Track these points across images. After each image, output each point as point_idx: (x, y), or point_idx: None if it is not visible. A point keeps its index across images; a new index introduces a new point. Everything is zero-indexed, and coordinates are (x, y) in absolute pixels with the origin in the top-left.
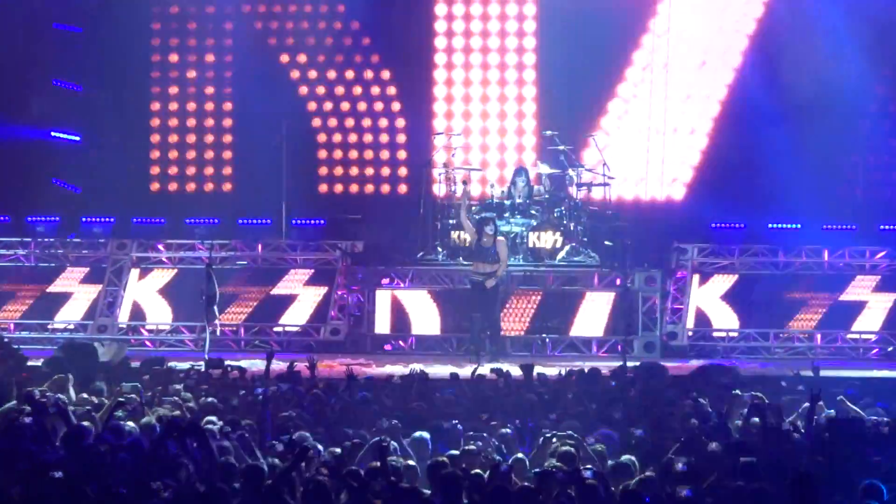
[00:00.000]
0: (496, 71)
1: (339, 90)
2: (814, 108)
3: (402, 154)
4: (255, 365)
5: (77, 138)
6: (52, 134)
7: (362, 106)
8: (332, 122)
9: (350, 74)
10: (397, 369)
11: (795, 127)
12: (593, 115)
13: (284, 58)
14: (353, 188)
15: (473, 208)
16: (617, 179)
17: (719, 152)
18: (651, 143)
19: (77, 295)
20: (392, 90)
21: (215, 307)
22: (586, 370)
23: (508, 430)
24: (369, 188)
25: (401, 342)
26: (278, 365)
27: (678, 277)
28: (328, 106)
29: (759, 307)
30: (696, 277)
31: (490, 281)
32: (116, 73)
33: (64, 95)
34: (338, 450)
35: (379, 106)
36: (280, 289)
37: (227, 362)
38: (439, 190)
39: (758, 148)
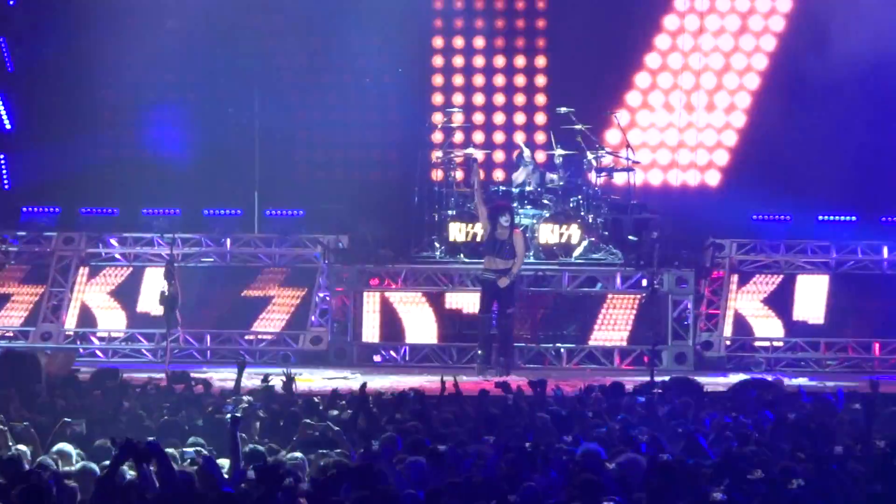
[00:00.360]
0: (502, 37)
1: (320, 58)
2: (869, 80)
3: (393, 134)
4: (223, 379)
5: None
6: None
7: (347, 77)
8: (313, 96)
9: (333, 40)
10: (389, 383)
11: (849, 103)
12: (616, 90)
13: (256, 20)
14: (338, 173)
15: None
16: (643, 163)
17: (761, 132)
18: (682, 122)
19: (17, 297)
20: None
21: (177, 311)
22: (607, 385)
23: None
24: (356, 174)
25: (392, 352)
26: (250, 379)
27: (714, 278)
28: (308, 78)
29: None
30: (734, 278)
31: (503, 280)
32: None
33: None
34: (319, 476)
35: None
36: (252, 290)
37: (192, 375)
38: (437, 176)
39: (805, 127)
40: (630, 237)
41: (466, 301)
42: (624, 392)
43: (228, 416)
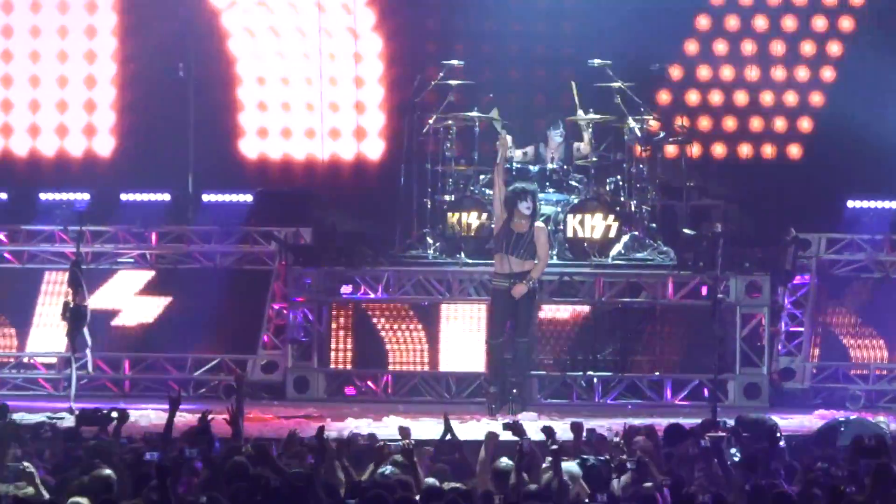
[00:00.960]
0: None
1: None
2: None
3: (373, 94)
4: (147, 417)
5: None
6: None
7: (309, 19)
8: (262, 42)
9: None
10: (364, 424)
11: None
12: (670, 35)
13: None
14: (297, 148)
15: (482, 179)
16: (702, 132)
17: (858, 91)
18: (755, 77)
19: None
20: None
21: (85, 329)
22: (658, 427)
23: None
24: (322, 148)
25: (370, 383)
26: (184, 417)
27: (797, 284)
28: (256, 19)
29: None
30: (824, 285)
31: (520, 287)
32: None
33: None
34: None
35: (337, 20)
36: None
37: (106, 413)
38: (431, 150)
39: None
40: (685, 230)
41: (469, 315)
42: (681, 435)
43: (155, 468)
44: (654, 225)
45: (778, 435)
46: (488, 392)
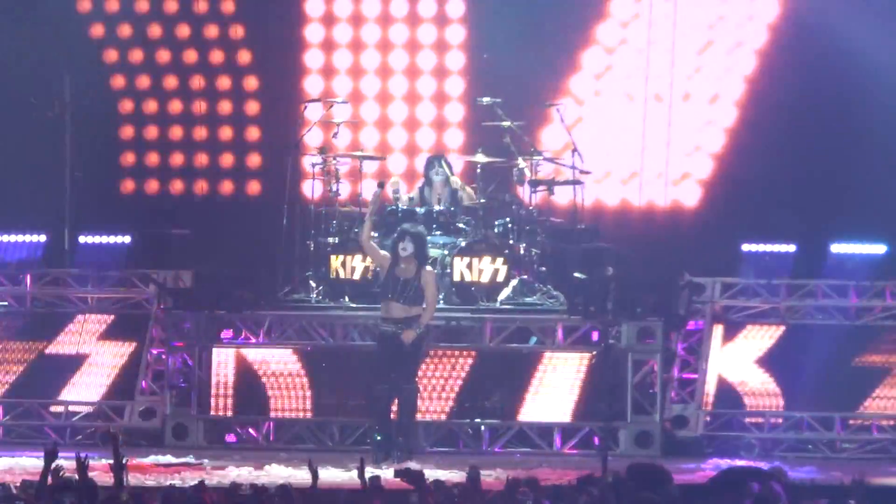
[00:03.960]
0: (403, 1)
1: (155, 29)
2: None
3: (253, 132)
4: (21, 466)
5: None
6: None
7: (191, 56)
8: (144, 80)
9: (173, 6)
10: (245, 473)
11: (874, 88)
12: (558, 73)
13: None
14: (177, 186)
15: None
16: (594, 174)
17: (755, 133)
18: (649, 117)
19: None
20: (239, 31)
21: None
22: (542, 477)
23: None
24: (202, 187)
25: (251, 430)
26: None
27: (691, 330)
28: (137, 56)
29: (816, 379)
30: (717, 330)
31: (409, 333)
32: None
33: None
34: None
35: (218, 56)
36: (60, 345)
37: None
38: (313, 190)
39: (816, 125)
40: (576, 275)
41: (355, 361)
42: (566, 488)
43: None
44: (543, 269)
45: (669, 484)
46: (373, 441)
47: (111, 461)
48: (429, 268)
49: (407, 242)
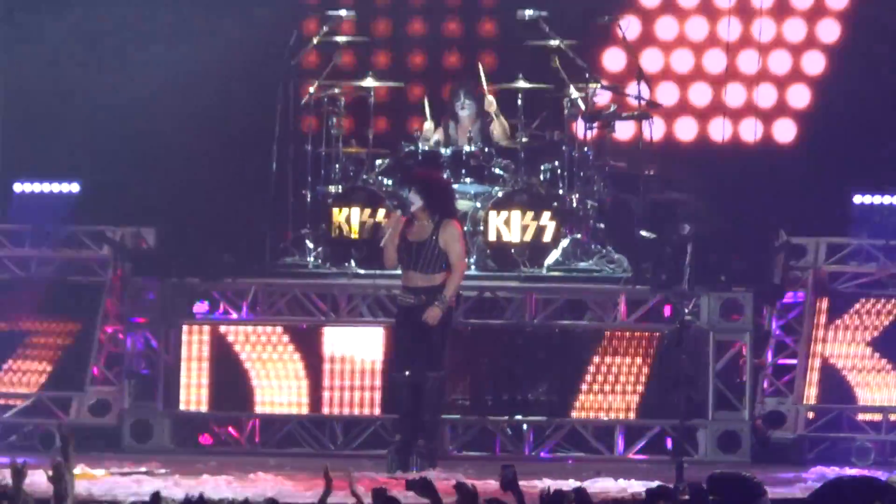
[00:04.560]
0: None
1: None
2: None
3: (237, 55)
4: None
5: None
6: None
7: None
8: None
9: None
10: (223, 484)
11: None
12: None
13: None
14: (139, 123)
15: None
16: (666, 106)
17: (867, 53)
18: (734, 35)
19: None
20: None
21: None
22: (598, 490)
23: None
24: (165, 124)
25: (232, 429)
26: None
27: (788, 303)
28: None
29: None
30: (823, 303)
31: (433, 311)
32: None
33: None
34: None
35: None
36: None
37: None
38: (310, 126)
39: None
40: (643, 233)
41: (362, 342)
42: None
43: None
44: (601, 225)
45: (763, 500)
46: (393, 442)
47: (51, 470)
48: (450, 222)
49: (412, 194)
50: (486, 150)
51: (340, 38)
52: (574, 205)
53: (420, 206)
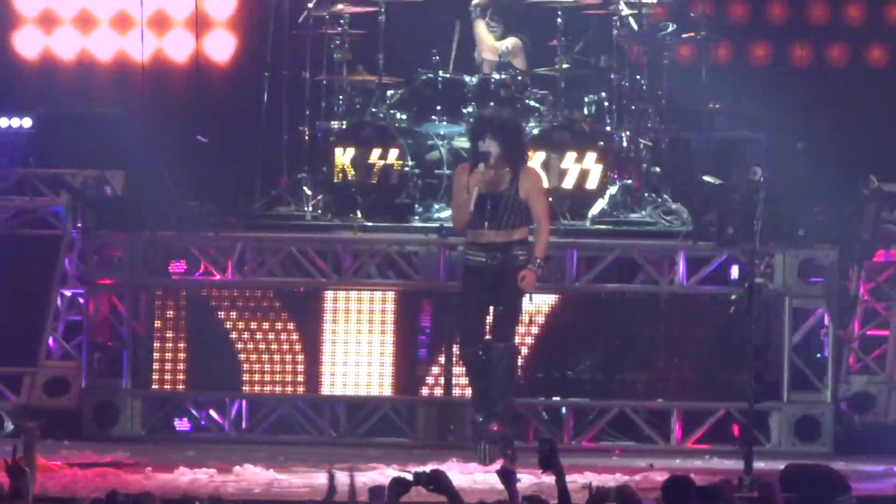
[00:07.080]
0: None
1: None
2: None
3: None
4: None
5: None
6: None
7: None
8: None
9: None
10: (205, 478)
11: None
12: None
13: None
14: (94, 46)
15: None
16: (737, 25)
17: None
18: None
19: None
20: None
21: None
22: (649, 486)
23: None
24: (139, 44)
25: (213, 412)
26: None
27: (879, 263)
28: None
29: None
30: None
31: (529, 275)
32: None
33: None
34: None
35: None
36: None
37: None
38: (309, 51)
39: None
40: (707, 178)
41: (369, 308)
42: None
43: None
44: (657, 169)
45: (848, 499)
46: (475, 423)
47: (11, 461)
48: (531, 167)
49: (488, 140)
50: (520, 77)
51: None
52: (624, 144)
53: (498, 154)
